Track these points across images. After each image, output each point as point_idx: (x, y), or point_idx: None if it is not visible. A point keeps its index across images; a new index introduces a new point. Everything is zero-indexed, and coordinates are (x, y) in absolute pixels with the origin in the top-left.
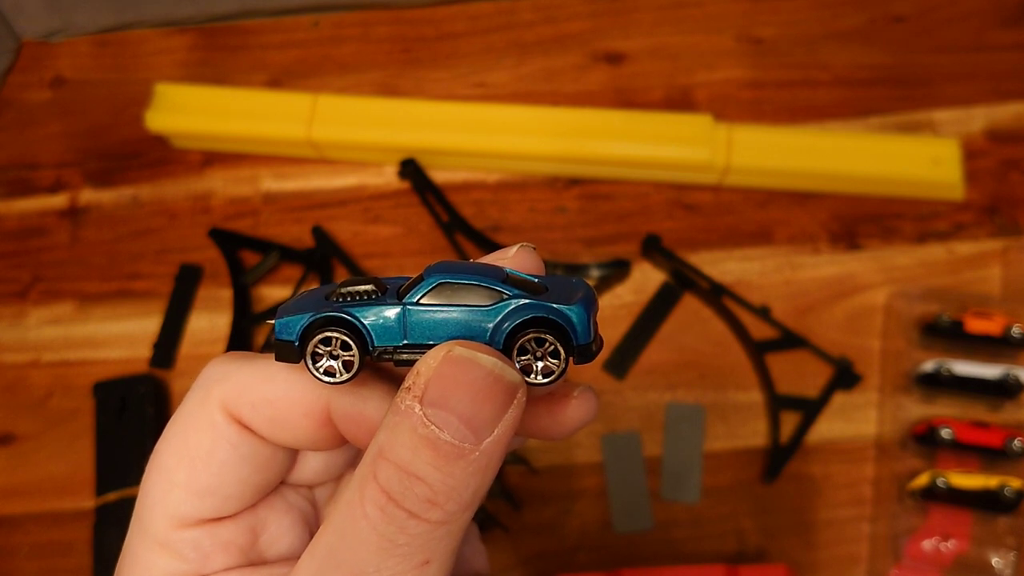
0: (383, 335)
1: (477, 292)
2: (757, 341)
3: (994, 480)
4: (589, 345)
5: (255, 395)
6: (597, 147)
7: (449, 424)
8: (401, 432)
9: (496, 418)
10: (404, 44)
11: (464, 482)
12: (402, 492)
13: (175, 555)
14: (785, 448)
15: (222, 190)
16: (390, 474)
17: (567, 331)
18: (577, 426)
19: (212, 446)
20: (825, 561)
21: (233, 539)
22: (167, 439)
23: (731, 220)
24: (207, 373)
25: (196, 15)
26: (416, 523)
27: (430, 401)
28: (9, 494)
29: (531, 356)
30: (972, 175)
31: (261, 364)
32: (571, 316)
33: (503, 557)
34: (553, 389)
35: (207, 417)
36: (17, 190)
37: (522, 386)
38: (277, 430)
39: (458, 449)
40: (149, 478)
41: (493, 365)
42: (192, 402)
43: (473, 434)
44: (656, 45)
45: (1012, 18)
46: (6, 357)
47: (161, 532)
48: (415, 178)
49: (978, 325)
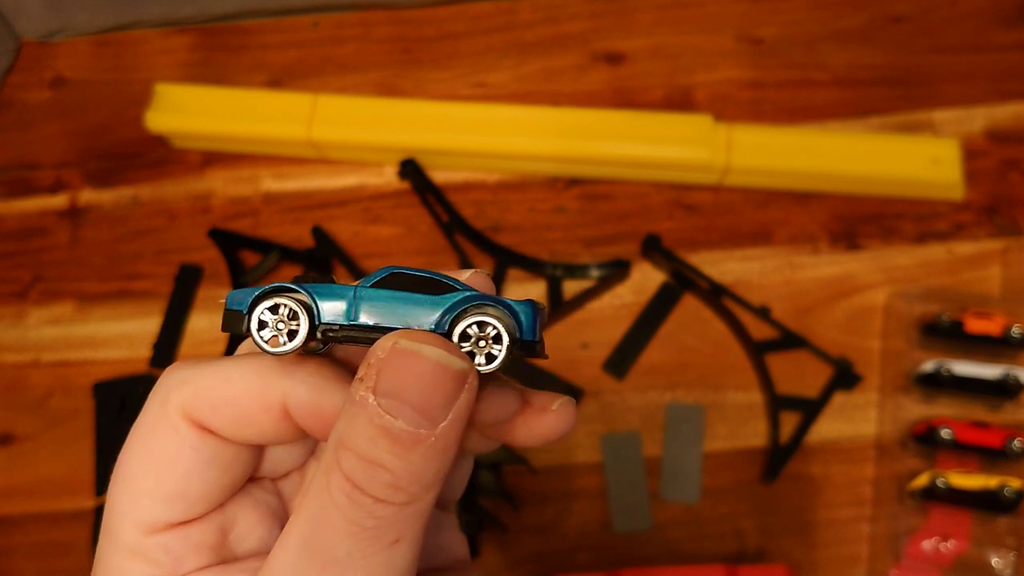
0: (332, 312)
1: (428, 284)
2: (757, 341)
3: (994, 480)
4: (534, 343)
5: (214, 397)
6: (597, 147)
7: (403, 412)
8: (358, 422)
9: (448, 404)
10: (404, 44)
11: (424, 466)
12: (366, 479)
13: (147, 561)
14: (785, 448)
15: (222, 190)
16: (353, 463)
17: (510, 322)
18: (553, 438)
19: (176, 452)
20: (825, 561)
21: (203, 540)
22: (130, 447)
23: (731, 220)
24: (164, 380)
25: (196, 15)
26: (383, 506)
27: (383, 391)
28: (9, 494)
29: (474, 344)
30: (972, 175)
31: (218, 366)
32: (516, 308)
33: (503, 557)
34: (503, 388)
35: (168, 424)
36: (17, 190)
37: (471, 371)
38: (239, 429)
39: (414, 435)
40: (115, 487)
41: (439, 356)
42: (152, 409)
43: (428, 420)
44: (656, 45)
45: (1012, 18)
46: (6, 357)
47: (131, 540)
48: (415, 178)
49: (978, 325)
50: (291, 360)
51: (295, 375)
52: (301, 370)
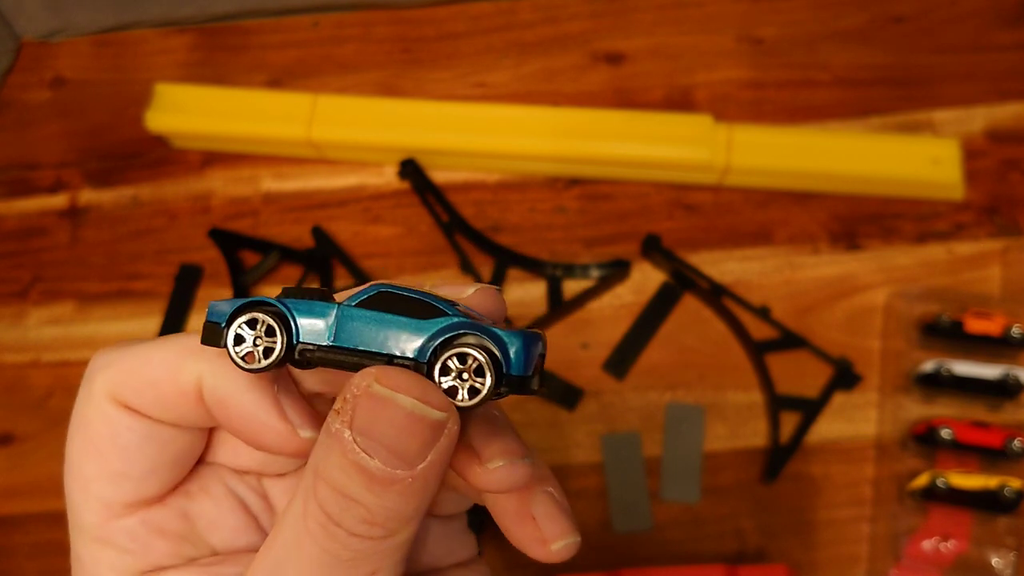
0: (311, 331)
1: (417, 306)
2: (757, 341)
3: (994, 480)
4: (527, 379)
5: (136, 379)
6: (597, 147)
7: (379, 452)
8: (333, 454)
9: (424, 451)
10: (404, 44)
11: (401, 504)
12: (340, 513)
13: (114, 547)
14: (785, 448)
15: (222, 190)
16: (327, 495)
17: (496, 354)
18: (493, 490)
19: (111, 433)
20: (825, 561)
21: (166, 524)
22: (70, 437)
23: (731, 220)
24: (91, 365)
25: (196, 15)
26: (358, 540)
27: (359, 428)
28: (9, 494)
29: (456, 376)
30: (972, 175)
31: (141, 348)
32: (505, 340)
33: (503, 557)
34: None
35: (97, 408)
36: (17, 190)
37: (450, 418)
38: (162, 411)
39: (390, 476)
40: (67, 481)
41: (413, 406)
42: (82, 396)
43: (403, 463)
44: (656, 45)
45: (1012, 18)
46: (6, 357)
47: (94, 527)
48: (415, 178)
49: (978, 325)
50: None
51: (212, 359)
52: (219, 356)
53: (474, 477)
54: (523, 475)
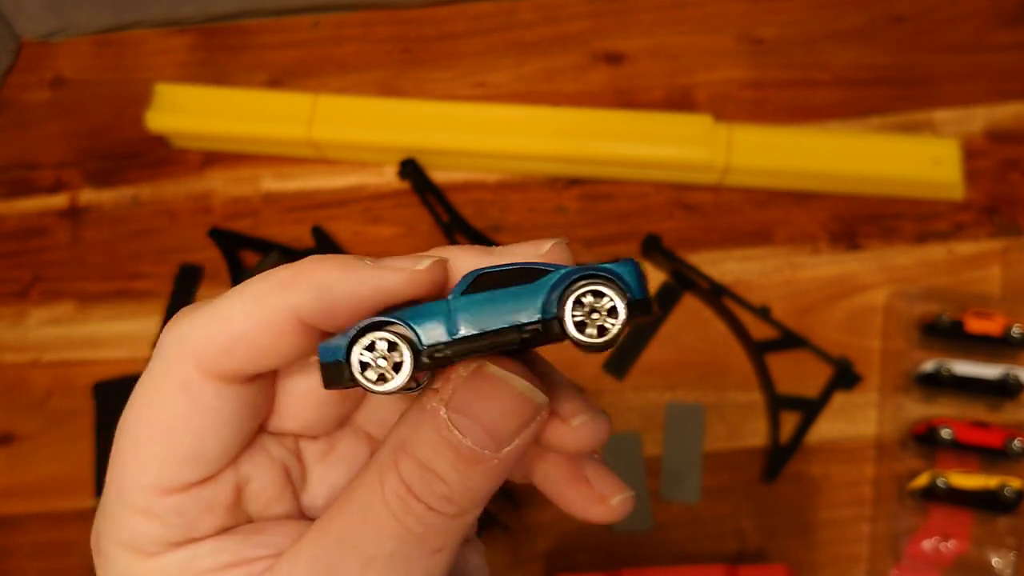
0: (432, 333)
1: (518, 274)
2: (757, 341)
3: (994, 480)
4: (648, 301)
5: (223, 340)
6: (597, 147)
7: (472, 431)
8: (424, 431)
9: (517, 432)
10: (404, 44)
11: (481, 484)
12: (422, 487)
13: (159, 521)
14: (785, 448)
15: (222, 190)
16: (411, 469)
17: (619, 285)
18: (572, 450)
19: (188, 412)
20: (825, 561)
21: (217, 499)
22: (136, 411)
23: (731, 220)
24: (166, 339)
25: (196, 15)
26: (433, 515)
27: (455, 407)
28: (9, 494)
29: (585, 314)
30: (972, 175)
31: (216, 310)
32: (622, 272)
33: (503, 557)
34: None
35: (178, 382)
36: (17, 190)
37: (547, 406)
38: (259, 361)
39: (478, 455)
40: (124, 450)
41: (523, 387)
42: (159, 369)
43: (494, 443)
44: (656, 45)
45: (1012, 18)
46: (6, 357)
47: (142, 501)
48: (415, 178)
49: (978, 325)
50: (282, 274)
51: (296, 287)
52: (297, 280)
53: (559, 438)
54: (605, 428)
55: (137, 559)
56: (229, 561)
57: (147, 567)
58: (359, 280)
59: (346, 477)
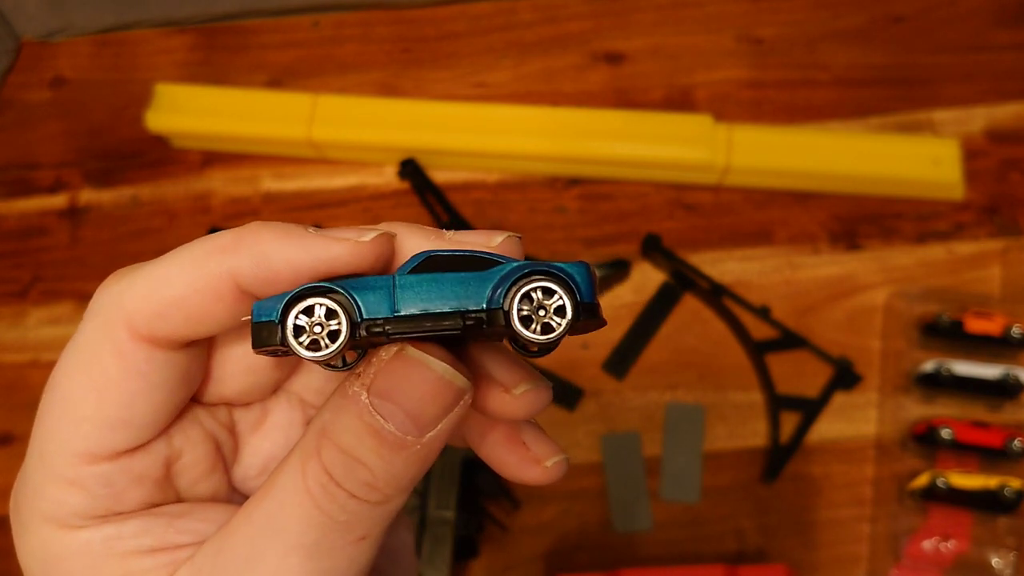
0: (373, 306)
1: (469, 261)
2: (757, 341)
3: (994, 480)
4: (596, 306)
5: (158, 303)
6: (597, 147)
7: (394, 416)
8: (346, 416)
9: (440, 417)
10: (404, 44)
11: (405, 470)
12: (344, 474)
13: (84, 492)
14: (785, 448)
15: (222, 190)
16: (333, 456)
17: (570, 285)
18: (521, 416)
19: (121, 374)
20: (825, 561)
21: (147, 471)
22: (67, 370)
23: (731, 220)
24: (100, 299)
25: (196, 15)
26: (356, 503)
27: (377, 391)
28: (9, 494)
29: (532, 310)
30: (972, 175)
31: (154, 270)
32: (573, 273)
33: (503, 557)
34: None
35: (112, 344)
36: (17, 190)
37: (470, 391)
38: (195, 326)
39: (401, 440)
40: (51, 412)
41: (444, 370)
42: (91, 330)
43: (417, 428)
44: (656, 45)
45: (1012, 18)
46: (6, 357)
47: (67, 468)
48: (415, 178)
49: (978, 325)
50: (222, 238)
51: (236, 252)
52: (238, 245)
53: (501, 405)
54: (547, 396)
55: (58, 532)
56: (152, 546)
57: (67, 542)
58: (301, 248)
59: (281, 446)
